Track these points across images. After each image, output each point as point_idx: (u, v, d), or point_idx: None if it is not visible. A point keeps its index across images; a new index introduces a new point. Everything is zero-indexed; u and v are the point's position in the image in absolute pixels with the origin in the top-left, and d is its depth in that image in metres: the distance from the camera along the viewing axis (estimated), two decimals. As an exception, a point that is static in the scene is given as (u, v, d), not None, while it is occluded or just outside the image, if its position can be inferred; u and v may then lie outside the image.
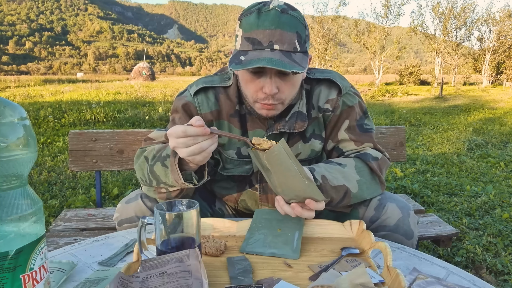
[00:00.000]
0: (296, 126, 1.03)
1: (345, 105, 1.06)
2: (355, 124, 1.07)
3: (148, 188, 0.98)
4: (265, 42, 0.85)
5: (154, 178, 0.91)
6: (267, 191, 1.10)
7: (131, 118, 7.63)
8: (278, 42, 0.85)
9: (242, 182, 1.12)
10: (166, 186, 0.91)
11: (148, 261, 0.64)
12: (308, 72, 1.08)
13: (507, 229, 2.57)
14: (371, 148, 1.08)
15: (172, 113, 1.10)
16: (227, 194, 1.15)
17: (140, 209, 0.99)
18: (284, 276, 0.72)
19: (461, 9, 25.69)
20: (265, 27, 0.85)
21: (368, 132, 1.09)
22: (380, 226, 0.98)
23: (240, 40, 0.90)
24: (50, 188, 3.41)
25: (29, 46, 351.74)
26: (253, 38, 0.86)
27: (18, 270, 0.53)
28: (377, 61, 25.47)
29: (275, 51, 0.85)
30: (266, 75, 0.90)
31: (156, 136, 1.05)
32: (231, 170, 1.09)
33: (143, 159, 0.96)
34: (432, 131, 7.09)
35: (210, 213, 1.17)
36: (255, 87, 0.93)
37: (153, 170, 0.91)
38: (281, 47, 0.85)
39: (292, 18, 0.87)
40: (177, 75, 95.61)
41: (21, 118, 0.54)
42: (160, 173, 0.89)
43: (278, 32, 0.85)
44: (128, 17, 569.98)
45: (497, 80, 27.29)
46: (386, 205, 0.98)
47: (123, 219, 1.00)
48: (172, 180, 0.86)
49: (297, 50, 0.87)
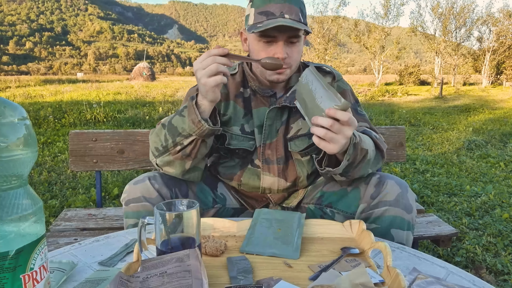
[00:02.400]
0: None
1: (340, 88, 1.20)
2: (351, 107, 1.17)
3: (163, 156, 1.03)
4: (277, 12, 1.01)
5: (171, 135, 1.00)
6: (269, 162, 1.18)
7: (131, 118, 7.63)
8: (288, 13, 1.01)
9: (244, 160, 1.20)
10: (182, 139, 0.99)
11: (148, 261, 0.64)
12: (306, 62, 1.25)
13: (507, 229, 2.57)
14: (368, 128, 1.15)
15: (184, 101, 1.18)
16: (231, 173, 1.21)
17: (148, 190, 1.03)
18: (284, 276, 0.72)
19: (461, 9, 25.69)
20: (276, 2, 1.02)
21: (362, 115, 1.19)
22: (381, 201, 1.01)
23: (253, 16, 1.05)
24: (50, 188, 3.41)
25: (29, 46, 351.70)
26: (266, 10, 1.02)
27: (18, 270, 0.53)
28: (377, 61, 25.47)
29: (286, 19, 1.01)
30: (277, 42, 1.04)
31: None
32: (236, 144, 1.17)
33: (160, 126, 1.05)
34: (432, 131, 7.09)
35: (212, 198, 1.20)
36: (267, 54, 1.05)
37: (171, 124, 1.00)
38: (290, 17, 1.01)
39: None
40: (177, 75, 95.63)
41: (22, 118, 0.54)
42: (178, 123, 0.99)
43: (287, 5, 1.02)
44: (128, 17, 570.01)
45: (497, 80, 27.29)
46: (386, 181, 1.02)
47: (130, 199, 1.04)
48: (188, 123, 0.96)
49: (301, 21, 1.04)
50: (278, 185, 1.19)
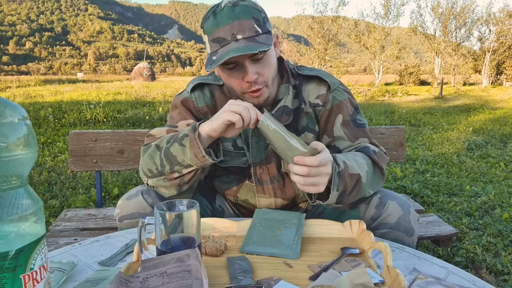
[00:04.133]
0: (282, 120, 1.08)
1: (335, 100, 1.10)
2: (349, 119, 1.09)
3: (157, 178, 0.97)
4: (228, 36, 0.91)
5: (168, 162, 0.94)
6: (263, 182, 1.12)
7: (131, 118, 7.63)
8: (240, 32, 0.90)
9: (240, 175, 1.14)
10: (181, 168, 0.93)
11: (148, 261, 0.64)
12: (297, 68, 1.14)
13: (507, 229, 2.57)
14: (367, 143, 1.09)
15: (171, 111, 1.14)
16: (227, 189, 1.17)
17: (141, 205, 1.00)
18: (284, 276, 0.72)
19: (461, 9, 25.67)
20: (223, 24, 0.91)
21: (361, 127, 1.11)
22: (381, 223, 0.98)
23: (208, 45, 0.95)
24: (50, 188, 3.41)
25: (29, 46, 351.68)
26: (217, 37, 0.92)
27: (18, 270, 0.53)
28: (377, 61, 25.45)
29: (239, 40, 0.90)
30: (242, 66, 0.95)
31: (158, 132, 1.07)
32: (228, 162, 1.12)
33: (154, 147, 0.98)
34: (432, 131, 7.09)
35: (210, 210, 1.18)
36: (237, 80, 0.97)
37: (168, 152, 0.93)
38: (244, 35, 0.90)
39: (244, 7, 0.92)
40: (177, 75, 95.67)
41: (22, 118, 0.54)
42: (178, 153, 0.92)
43: (236, 23, 0.90)
44: (128, 17, 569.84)
45: (497, 80, 27.28)
46: (387, 203, 0.99)
47: (123, 215, 1.01)
48: (190, 156, 0.90)
49: (259, 32, 0.92)
50: (276, 205, 1.14)
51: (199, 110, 1.11)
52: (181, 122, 1.08)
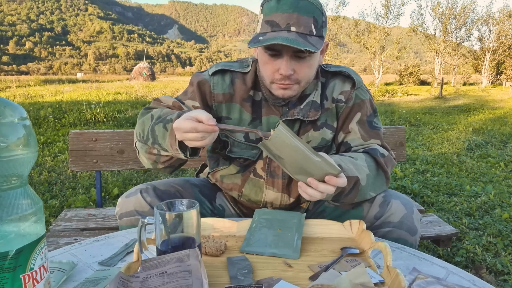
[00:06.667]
0: (310, 114, 1.07)
1: (358, 98, 1.10)
2: (366, 119, 1.10)
3: (142, 145, 1.01)
4: (283, 24, 0.90)
5: (151, 137, 0.94)
6: (274, 175, 1.11)
7: (131, 118, 7.64)
8: (295, 25, 0.90)
9: (246, 169, 1.13)
10: (160, 148, 0.94)
11: (148, 261, 0.64)
12: (324, 66, 1.13)
13: (507, 229, 2.57)
14: (378, 145, 1.09)
15: (188, 86, 1.13)
16: (231, 183, 1.15)
17: (140, 203, 1.02)
18: (284, 276, 0.72)
19: (461, 9, 25.66)
20: (283, 11, 0.90)
21: (376, 129, 1.11)
22: (385, 222, 0.99)
23: (260, 24, 0.95)
24: (50, 188, 3.41)
25: (29, 46, 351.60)
26: (272, 20, 0.91)
27: (18, 270, 0.53)
28: (377, 61, 25.45)
29: (291, 32, 0.89)
30: (283, 57, 0.94)
31: (164, 100, 1.09)
32: (238, 153, 1.11)
33: (149, 116, 0.99)
34: (432, 131, 7.09)
35: (210, 209, 1.17)
36: (272, 68, 0.97)
37: (154, 129, 0.94)
38: (297, 29, 0.90)
39: (309, 3, 0.91)
40: (177, 75, 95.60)
41: (22, 118, 0.54)
42: (159, 134, 0.92)
43: (295, 16, 0.89)
44: (128, 17, 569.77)
45: (497, 80, 27.27)
46: (391, 202, 1.00)
47: (123, 213, 1.04)
48: (167, 144, 0.89)
49: (313, 33, 0.92)
50: (281, 201, 1.13)
51: (214, 97, 1.08)
52: (189, 102, 1.09)
